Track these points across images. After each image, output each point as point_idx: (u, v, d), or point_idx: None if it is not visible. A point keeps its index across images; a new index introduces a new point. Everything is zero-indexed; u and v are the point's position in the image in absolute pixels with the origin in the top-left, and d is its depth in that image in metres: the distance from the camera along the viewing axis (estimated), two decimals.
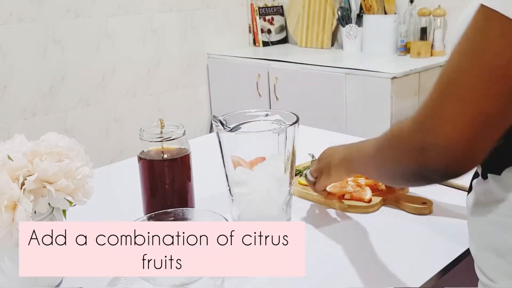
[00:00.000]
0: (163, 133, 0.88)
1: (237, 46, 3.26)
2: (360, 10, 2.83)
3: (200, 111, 3.16)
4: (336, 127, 2.33)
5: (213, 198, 0.98)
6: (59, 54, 2.51)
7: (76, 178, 0.71)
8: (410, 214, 0.91)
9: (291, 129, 0.82)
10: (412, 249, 0.80)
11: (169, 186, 0.89)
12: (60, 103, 2.55)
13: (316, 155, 0.93)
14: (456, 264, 0.77)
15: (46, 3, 2.43)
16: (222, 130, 0.82)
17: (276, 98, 2.74)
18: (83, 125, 2.65)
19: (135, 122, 2.82)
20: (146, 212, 0.90)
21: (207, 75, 3.15)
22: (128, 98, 2.82)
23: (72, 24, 2.54)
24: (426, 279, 0.72)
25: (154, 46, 2.88)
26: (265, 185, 0.82)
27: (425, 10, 2.59)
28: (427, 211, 0.91)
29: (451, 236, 0.83)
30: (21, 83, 2.42)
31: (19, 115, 2.44)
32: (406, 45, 2.66)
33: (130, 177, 1.03)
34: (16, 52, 2.38)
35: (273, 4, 3.31)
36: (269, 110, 0.89)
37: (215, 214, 0.78)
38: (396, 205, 0.94)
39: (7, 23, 2.33)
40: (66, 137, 0.76)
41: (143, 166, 0.88)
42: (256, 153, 0.83)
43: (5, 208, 0.64)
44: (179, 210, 0.81)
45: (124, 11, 2.72)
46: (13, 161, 0.68)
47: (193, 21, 3.03)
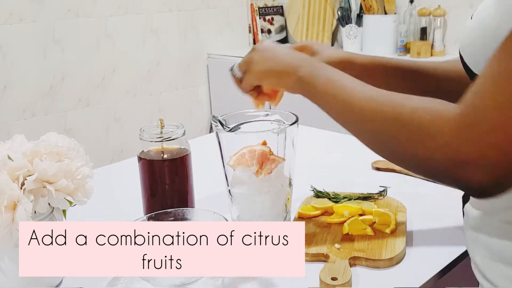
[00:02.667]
0: (163, 133, 0.88)
1: (237, 46, 3.25)
2: (360, 10, 2.83)
3: (200, 111, 3.16)
4: (336, 127, 2.33)
5: (213, 198, 0.98)
6: (59, 54, 2.51)
7: (76, 178, 0.71)
8: (410, 214, 0.91)
9: (291, 129, 0.82)
10: (412, 249, 0.80)
11: (169, 186, 0.89)
12: (60, 103, 2.55)
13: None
14: (456, 264, 0.77)
15: (46, 3, 2.43)
16: (222, 130, 0.82)
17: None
18: (83, 125, 2.65)
19: (135, 122, 2.82)
20: (146, 212, 0.90)
21: (207, 75, 3.15)
22: (128, 98, 2.82)
23: (72, 24, 2.54)
24: (426, 279, 0.72)
25: (154, 46, 2.88)
26: (265, 185, 0.82)
27: (425, 10, 2.59)
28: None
29: (451, 236, 0.83)
30: (21, 83, 2.42)
31: (19, 115, 2.44)
32: (406, 45, 2.66)
33: (130, 177, 1.03)
34: (16, 52, 2.38)
35: (273, 4, 3.31)
36: (269, 110, 0.89)
37: (215, 214, 0.78)
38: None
39: (7, 23, 2.33)
40: (66, 137, 0.75)
41: (143, 166, 0.88)
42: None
43: (5, 208, 0.64)
44: (179, 210, 0.81)
45: (124, 11, 2.72)
46: (13, 161, 0.68)
47: (193, 21, 3.03)
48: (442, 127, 0.52)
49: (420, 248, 0.80)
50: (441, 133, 0.52)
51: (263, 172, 0.81)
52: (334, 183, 1.02)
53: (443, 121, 0.53)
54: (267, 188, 0.82)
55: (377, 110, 0.59)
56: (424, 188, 1.01)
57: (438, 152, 0.53)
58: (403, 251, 0.78)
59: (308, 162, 1.13)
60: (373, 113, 0.60)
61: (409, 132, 0.55)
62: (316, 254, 0.77)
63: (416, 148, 0.55)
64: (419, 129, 0.54)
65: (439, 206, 0.94)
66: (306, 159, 1.11)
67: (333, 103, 0.67)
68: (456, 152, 0.51)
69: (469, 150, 0.50)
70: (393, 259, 0.75)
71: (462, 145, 0.51)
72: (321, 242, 0.80)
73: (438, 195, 0.98)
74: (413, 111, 0.56)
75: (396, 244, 0.78)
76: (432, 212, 0.92)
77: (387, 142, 0.59)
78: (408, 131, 0.56)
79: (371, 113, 0.60)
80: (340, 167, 1.16)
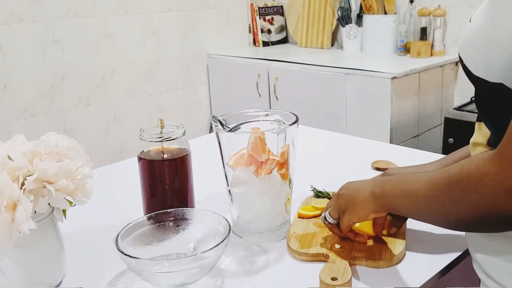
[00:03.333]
0: (163, 133, 0.88)
1: (237, 46, 3.26)
2: (360, 10, 2.83)
3: (200, 111, 3.16)
4: (336, 127, 2.33)
5: (213, 198, 0.98)
6: (59, 54, 2.51)
7: (76, 178, 0.71)
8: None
9: (291, 129, 0.82)
10: (412, 249, 0.80)
11: (169, 186, 0.89)
12: (60, 103, 2.55)
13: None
14: (456, 264, 0.77)
15: (46, 3, 2.43)
16: (222, 130, 0.82)
17: (276, 98, 2.74)
18: (83, 125, 2.65)
19: (135, 122, 2.82)
20: (146, 212, 0.90)
21: (207, 75, 3.15)
22: (128, 98, 2.82)
23: (72, 24, 2.54)
24: (426, 279, 0.72)
25: (154, 46, 2.88)
26: (265, 185, 0.82)
27: (425, 10, 2.59)
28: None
29: (451, 236, 0.83)
30: (21, 83, 2.42)
31: (19, 115, 2.43)
32: (406, 45, 2.67)
33: (130, 177, 1.03)
34: (16, 52, 2.38)
35: (273, 4, 3.31)
36: (269, 110, 0.89)
37: (215, 214, 0.78)
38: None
39: (7, 23, 2.33)
40: (66, 137, 0.75)
41: (143, 166, 0.88)
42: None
43: (5, 208, 0.64)
44: (179, 210, 0.81)
45: (124, 11, 2.72)
46: (13, 161, 0.68)
47: (193, 21, 3.03)
48: (487, 169, 0.57)
49: (420, 248, 0.80)
50: (487, 174, 0.57)
51: (263, 172, 0.81)
52: (334, 183, 1.02)
53: (487, 165, 0.58)
54: (267, 188, 0.82)
55: (436, 186, 0.64)
56: None
57: (488, 194, 0.57)
58: (403, 251, 0.78)
59: (308, 162, 1.13)
60: (433, 191, 0.64)
61: (462, 188, 0.60)
62: (316, 254, 0.77)
63: (471, 197, 0.59)
64: (468, 178, 0.59)
65: None
66: (306, 159, 1.11)
67: (403, 201, 0.70)
68: (502, 185, 0.56)
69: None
70: (393, 259, 0.75)
71: (506, 179, 0.56)
72: (321, 242, 0.80)
73: None
74: (460, 169, 0.61)
75: (396, 244, 0.78)
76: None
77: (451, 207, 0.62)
78: (461, 187, 0.60)
79: (432, 192, 0.65)
80: (340, 167, 1.16)
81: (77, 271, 0.78)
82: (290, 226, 0.86)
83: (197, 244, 0.78)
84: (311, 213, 0.89)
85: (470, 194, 0.59)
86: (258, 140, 0.80)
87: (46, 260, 0.72)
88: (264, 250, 0.82)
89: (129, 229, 0.75)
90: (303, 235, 0.83)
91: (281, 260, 0.79)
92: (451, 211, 0.62)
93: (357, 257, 0.76)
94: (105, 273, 0.76)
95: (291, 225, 0.87)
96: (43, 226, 0.70)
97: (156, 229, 0.79)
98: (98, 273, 0.77)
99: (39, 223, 0.68)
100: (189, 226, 0.80)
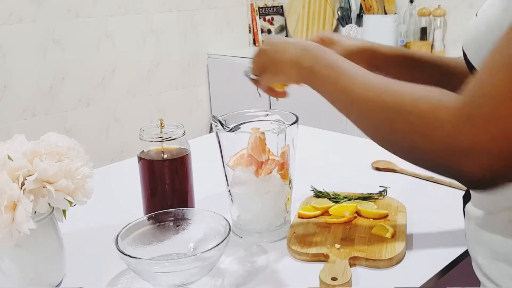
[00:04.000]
0: (163, 133, 0.88)
1: (237, 46, 3.26)
2: (360, 10, 2.83)
3: (200, 111, 3.16)
4: (336, 127, 2.33)
5: (213, 198, 0.98)
6: (59, 54, 2.51)
7: (76, 178, 0.71)
8: (410, 214, 0.91)
9: (291, 129, 0.82)
10: (412, 249, 0.80)
11: (169, 186, 0.89)
12: (60, 103, 2.55)
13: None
14: (456, 264, 0.77)
15: (46, 3, 2.43)
16: (222, 130, 0.82)
17: (276, 98, 2.73)
18: (83, 125, 2.65)
19: (135, 122, 2.82)
20: (146, 212, 0.90)
21: (207, 75, 3.15)
22: (128, 98, 2.82)
23: (72, 24, 2.54)
24: (426, 279, 0.72)
25: (154, 46, 2.88)
26: (265, 185, 0.82)
27: (425, 10, 2.59)
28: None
29: (451, 236, 0.83)
30: (21, 83, 2.42)
31: (19, 115, 2.44)
32: (406, 45, 2.66)
33: (130, 177, 1.03)
34: (16, 52, 2.38)
35: (273, 4, 3.31)
36: (269, 110, 0.89)
37: (215, 214, 0.78)
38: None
39: (7, 23, 2.33)
40: (66, 137, 0.75)
41: (143, 166, 0.88)
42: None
43: (5, 208, 0.64)
44: (179, 210, 0.81)
45: (124, 11, 2.72)
46: (13, 161, 0.67)
47: (193, 21, 3.03)
48: (442, 117, 0.52)
49: (420, 248, 0.80)
50: (441, 123, 0.52)
51: (263, 172, 0.81)
52: (334, 183, 1.02)
53: (444, 112, 0.52)
54: (267, 188, 0.82)
55: (378, 100, 0.58)
56: (424, 188, 1.02)
57: (438, 142, 0.52)
58: (403, 251, 0.78)
59: (308, 162, 1.13)
60: (374, 103, 0.59)
61: (409, 123, 0.55)
62: (316, 254, 0.77)
63: (416, 139, 0.54)
64: (419, 119, 0.54)
65: (439, 206, 0.94)
66: (306, 159, 1.11)
67: (333, 91, 0.65)
68: (455, 141, 0.50)
69: (468, 140, 0.49)
70: (393, 259, 0.75)
71: (461, 135, 0.50)
72: (321, 242, 0.80)
73: (438, 195, 0.98)
74: (413, 102, 0.55)
75: (396, 244, 0.78)
76: (432, 212, 0.92)
77: (388, 132, 0.58)
78: (408, 121, 0.55)
79: (372, 103, 0.59)
80: (340, 167, 1.16)
81: (77, 271, 0.78)
82: (290, 226, 0.86)
83: (197, 244, 0.78)
84: (311, 213, 0.89)
85: (415, 135, 0.54)
86: (258, 140, 0.80)
87: (46, 260, 0.72)
88: (264, 250, 0.82)
89: (129, 229, 0.75)
90: (303, 235, 0.83)
91: (281, 260, 0.79)
92: (384, 133, 0.58)
93: (357, 257, 0.76)
94: (105, 273, 0.76)
95: (291, 225, 0.87)
96: (43, 226, 0.70)
97: (156, 229, 0.79)
98: (98, 273, 0.77)
99: (39, 223, 0.68)
100: (189, 226, 0.80)
